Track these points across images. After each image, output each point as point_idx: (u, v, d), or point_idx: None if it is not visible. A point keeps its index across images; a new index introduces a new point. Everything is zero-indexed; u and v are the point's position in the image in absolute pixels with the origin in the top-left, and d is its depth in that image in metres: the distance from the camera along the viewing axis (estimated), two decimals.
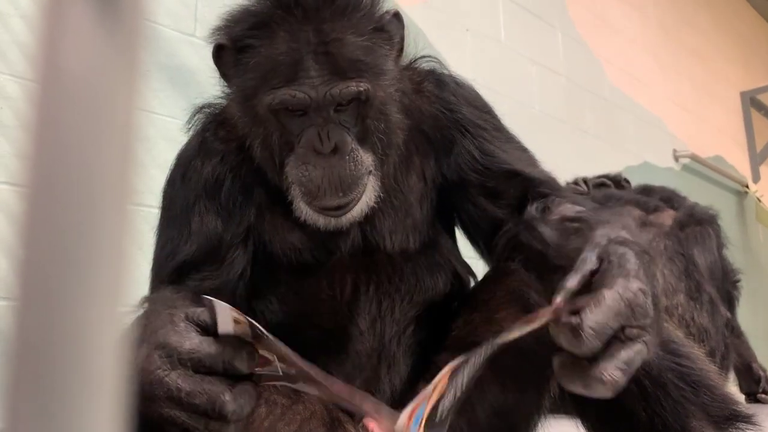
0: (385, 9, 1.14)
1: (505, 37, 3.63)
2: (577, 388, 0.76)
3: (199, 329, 0.79)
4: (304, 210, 1.09)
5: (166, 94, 2.15)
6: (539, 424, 1.22)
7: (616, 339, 0.76)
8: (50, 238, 0.30)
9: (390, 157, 1.16)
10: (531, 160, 1.25)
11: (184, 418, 0.76)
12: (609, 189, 3.19)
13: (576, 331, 0.74)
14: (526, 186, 1.18)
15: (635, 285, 0.79)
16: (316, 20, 1.03)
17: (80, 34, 0.31)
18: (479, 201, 1.22)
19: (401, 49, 1.18)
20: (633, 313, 0.77)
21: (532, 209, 1.11)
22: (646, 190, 3.11)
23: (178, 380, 0.75)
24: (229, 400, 0.74)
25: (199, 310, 0.81)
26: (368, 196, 1.10)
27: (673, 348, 0.99)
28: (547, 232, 1.06)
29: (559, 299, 0.79)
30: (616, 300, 0.77)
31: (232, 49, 1.09)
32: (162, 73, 2.16)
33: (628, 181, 3.32)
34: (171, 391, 0.75)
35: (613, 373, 0.74)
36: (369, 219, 1.15)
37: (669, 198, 3.01)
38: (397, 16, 1.15)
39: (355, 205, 1.08)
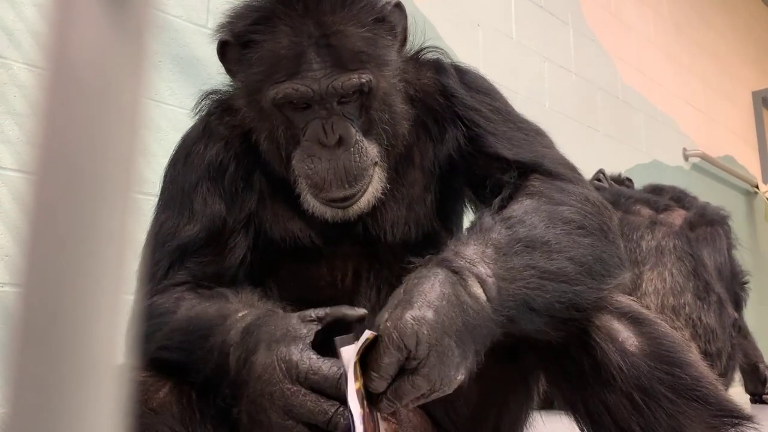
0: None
1: (517, 33, 3.61)
2: None
3: (319, 328, 0.86)
4: (311, 203, 1.09)
5: (178, 85, 2.16)
6: (529, 420, 1.22)
7: (402, 371, 0.81)
8: (56, 225, 0.31)
9: (396, 148, 1.15)
10: (529, 143, 1.18)
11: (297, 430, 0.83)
12: (620, 187, 3.18)
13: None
14: (504, 171, 1.14)
15: (408, 314, 0.81)
16: (317, 13, 1.04)
17: (89, 23, 0.32)
18: (466, 189, 1.22)
19: (404, 39, 1.17)
20: (405, 345, 0.79)
21: (497, 201, 1.08)
22: (657, 190, 3.10)
23: (302, 397, 0.81)
24: (343, 420, 0.81)
25: (307, 312, 0.88)
26: (375, 187, 1.10)
27: (665, 355, 0.97)
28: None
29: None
30: (388, 334, 0.80)
31: (235, 45, 1.10)
32: (174, 63, 2.17)
33: (630, 180, 3.30)
34: (293, 406, 0.82)
35: (382, 405, 0.82)
36: (371, 211, 1.15)
37: (679, 198, 2.99)
38: (398, 6, 1.14)
39: (362, 196, 1.08)
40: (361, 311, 0.87)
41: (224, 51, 1.13)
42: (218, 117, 1.22)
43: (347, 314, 0.87)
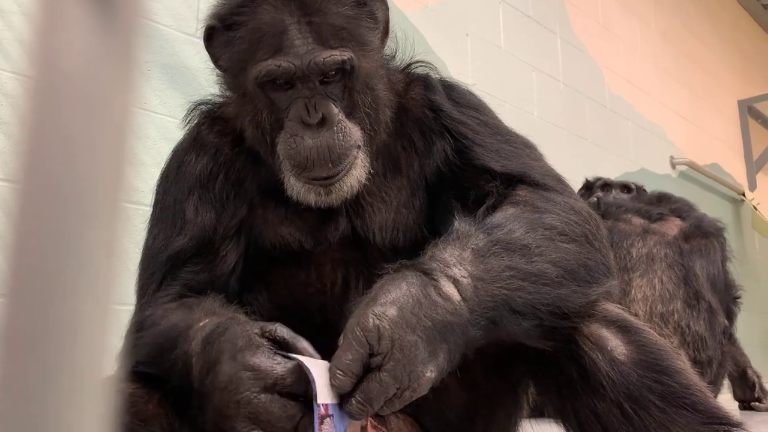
0: None
1: (505, 43, 3.63)
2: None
3: (277, 347, 0.84)
4: (294, 186, 1.08)
5: (168, 94, 2.15)
6: (518, 429, 1.22)
7: (369, 370, 0.80)
8: (43, 235, 0.31)
9: (379, 134, 1.15)
10: (516, 155, 1.18)
11: None
12: (611, 196, 3.21)
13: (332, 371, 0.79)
14: (490, 183, 1.14)
15: (369, 310, 0.81)
16: None
17: (77, 32, 0.32)
18: (455, 202, 1.21)
19: (386, 31, 1.18)
20: (366, 340, 0.79)
21: (481, 211, 1.09)
22: (662, 198, 3.12)
23: (267, 404, 0.80)
24: (309, 423, 0.79)
25: (273, 326, 0.86)
26: (358, 171, 1.09)
27: (654, 363, 0.97)
28: None
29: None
30: (350, 330, 0.80)
31: (221, 28, 1.10)
32: (163, 72, 2.16)
33: (644, 190, 3.30)
34: (259, 413, 0.80)
35: (353, 407, 0.80)
36: (359, 211, 1.15)
37: (678, 208, 3.00)
38: None
39: (345, 176, 1.07)
40: (318, 358, 0.85)
41: (211, 38, 1.13)
42: (208, 127, 1.22)
43: (306, 350, 0.84)
